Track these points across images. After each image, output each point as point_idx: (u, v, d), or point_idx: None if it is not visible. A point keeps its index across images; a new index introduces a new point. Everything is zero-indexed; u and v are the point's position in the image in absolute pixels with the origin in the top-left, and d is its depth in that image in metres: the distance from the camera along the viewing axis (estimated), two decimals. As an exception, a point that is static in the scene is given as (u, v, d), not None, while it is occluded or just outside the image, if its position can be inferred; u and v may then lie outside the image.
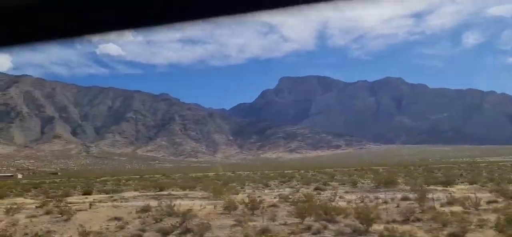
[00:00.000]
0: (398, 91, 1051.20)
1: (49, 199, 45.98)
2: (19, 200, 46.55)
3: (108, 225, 26.53)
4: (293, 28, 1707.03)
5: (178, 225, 24.04)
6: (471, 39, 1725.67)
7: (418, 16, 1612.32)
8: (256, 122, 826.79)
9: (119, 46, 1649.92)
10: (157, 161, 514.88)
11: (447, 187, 47.52)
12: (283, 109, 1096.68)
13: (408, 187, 46.99)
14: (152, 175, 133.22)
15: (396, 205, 31.55)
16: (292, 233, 22.53)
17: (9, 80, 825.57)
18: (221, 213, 29.82)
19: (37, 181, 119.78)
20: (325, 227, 23.16)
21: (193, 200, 39.62)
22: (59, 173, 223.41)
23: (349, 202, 33.41)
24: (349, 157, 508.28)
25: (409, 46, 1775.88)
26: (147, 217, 28.59)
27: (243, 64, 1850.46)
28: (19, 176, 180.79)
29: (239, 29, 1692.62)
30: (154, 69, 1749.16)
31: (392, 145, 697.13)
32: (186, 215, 25.40)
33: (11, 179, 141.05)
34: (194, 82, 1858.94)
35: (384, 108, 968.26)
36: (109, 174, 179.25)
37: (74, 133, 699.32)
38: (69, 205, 36.43)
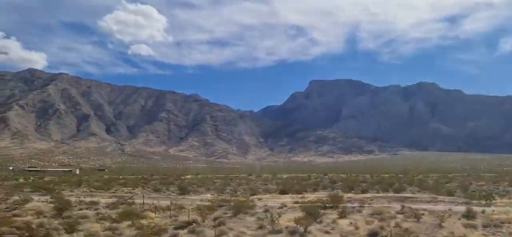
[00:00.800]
0: (433, 97, 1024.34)
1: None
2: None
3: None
4: (323, 31, 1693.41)
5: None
6: (508, 45, 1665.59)
7: (451, 20, 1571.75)
8: (286, 124, 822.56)
9: (150, 46, 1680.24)
10: (191, 161, 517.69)
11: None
12: (313, 112, 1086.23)
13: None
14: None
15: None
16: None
17: (47, 78, 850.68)
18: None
19: (106, 176, 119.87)
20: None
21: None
22: (105, 170, 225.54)
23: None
24: (383, 163, 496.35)
25: (443, 51, 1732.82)
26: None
27: (271, 66, 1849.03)
28: (77, 171, 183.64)
29: (269, 31, 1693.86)
30: (183, 70, 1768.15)
31: (427, 152, 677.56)
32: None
33: (70, 174, 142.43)
34: (222, 84, 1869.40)
35: (418, 114, 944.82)
36: (170, 172, 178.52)
37: (108, 131, 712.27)
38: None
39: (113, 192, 61.73)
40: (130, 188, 73.14)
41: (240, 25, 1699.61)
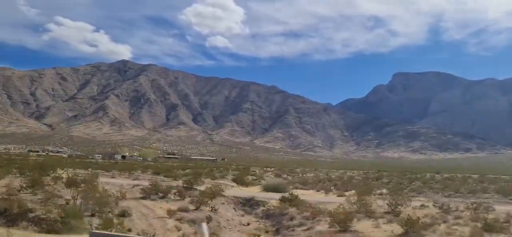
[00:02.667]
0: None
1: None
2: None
3: None
4: (403, 21, 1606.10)
5: None
6: None
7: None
8: (372, 118, 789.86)
9: (226, 38, 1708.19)
10: (281, 153, 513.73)
11: None
12: (398, 106, 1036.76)
13: None
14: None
15: None
16: None
17: (138, 69, 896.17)
18: None
19: (239, 166, 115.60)
20: None
21: None
22: (217, 160, 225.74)
23: None
24: (484, 162, 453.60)
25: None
26: None
27: (348, 58, 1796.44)
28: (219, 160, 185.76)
29: (344, 22, 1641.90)
30: (258, 63, 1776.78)
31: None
32: None
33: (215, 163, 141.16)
34: (297, 75, 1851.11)
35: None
36: (280, 163, 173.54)
37: (195, 120, 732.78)
38: None
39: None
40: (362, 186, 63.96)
41: (315, 16, 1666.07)
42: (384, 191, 51.53)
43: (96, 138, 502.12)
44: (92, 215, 23.74)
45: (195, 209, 30.23)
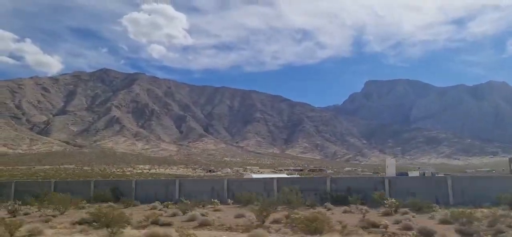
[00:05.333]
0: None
1: None
2: None
3: None
4: (328, 34, 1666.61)
5: None
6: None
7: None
8: (381, 125, 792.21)
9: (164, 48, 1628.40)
10: (330, 166, 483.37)
11: None
12: (377, 113, 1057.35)
13: None
14: None
15: None
16: None
17: (125, 78, 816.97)
18: None
19: None
20: None
21: None
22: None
23: None
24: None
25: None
26: None
27: (278, 70, 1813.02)
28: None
29: (274, 35, 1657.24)
30: (191, 75, 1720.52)
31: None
32: None
33: None
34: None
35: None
36: None
37: (206, 131, 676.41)
38: None
39: None
40: None
41: (246, 29, 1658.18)
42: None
43: (142, 154, 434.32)
44: None
45: None
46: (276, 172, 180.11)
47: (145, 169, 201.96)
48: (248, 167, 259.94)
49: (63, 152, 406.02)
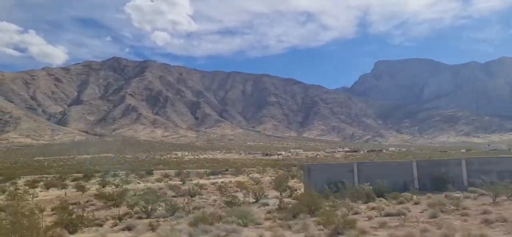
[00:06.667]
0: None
1: None
2: None
3: None
4: (333, 16, 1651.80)
5: None
6: None
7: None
8: (396, 105, 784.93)
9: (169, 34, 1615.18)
10: (345, 145, 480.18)
11: None
12: (388, 93, 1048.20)
13: None
14: None
15: None
16: None
17: (137, 66, 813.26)
18: None
19: None
20: None
21: None
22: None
23: None
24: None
25: None
26: None
27: (283, 54, 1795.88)
28: None
29: (278, 18, 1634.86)
30: (194, 61, 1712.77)
31: None
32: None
33: None
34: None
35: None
36: None
37: (222, 117, 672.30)
38: None
39: None
40: None
41: (249, 13, 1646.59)
42: None
43: (165, 141, 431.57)
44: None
45: None
46: (338, 154, 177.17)
47: (189, 156, 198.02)
48: (292, 150, 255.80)
49: (88, 141, 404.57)
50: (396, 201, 26.15)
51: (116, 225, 23.08)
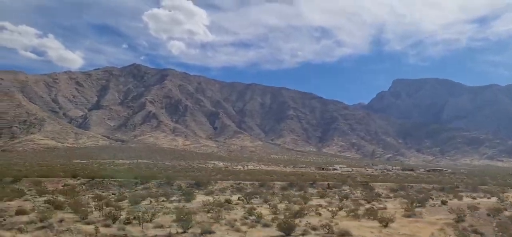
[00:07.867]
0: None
1: None
2: None
3: None
4: (348, 32, 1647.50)
5: None
6: None
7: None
8: (414, 124, 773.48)
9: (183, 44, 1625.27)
10: (365, 164, 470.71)
11: None
12: (406, 112, 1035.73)
13: None
14: None
15: None
16: None
17: (156, 74, 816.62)
18: None
19: None
20: None
21: None
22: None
23: None
24: None
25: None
26: None
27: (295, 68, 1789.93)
28: None
29: (293, 33, 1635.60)
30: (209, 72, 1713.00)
31: None
32: None
33: None
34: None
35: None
36: None
37: (240, 128, 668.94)
38: None
39: None
40: None
41: (265, 26, 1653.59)
42: None
43: (187, 150, 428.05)
44: None
45: None
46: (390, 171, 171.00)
47: (228, 166, 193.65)
48: (337, 165, 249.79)
49: (113, 146, 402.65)
50: None
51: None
